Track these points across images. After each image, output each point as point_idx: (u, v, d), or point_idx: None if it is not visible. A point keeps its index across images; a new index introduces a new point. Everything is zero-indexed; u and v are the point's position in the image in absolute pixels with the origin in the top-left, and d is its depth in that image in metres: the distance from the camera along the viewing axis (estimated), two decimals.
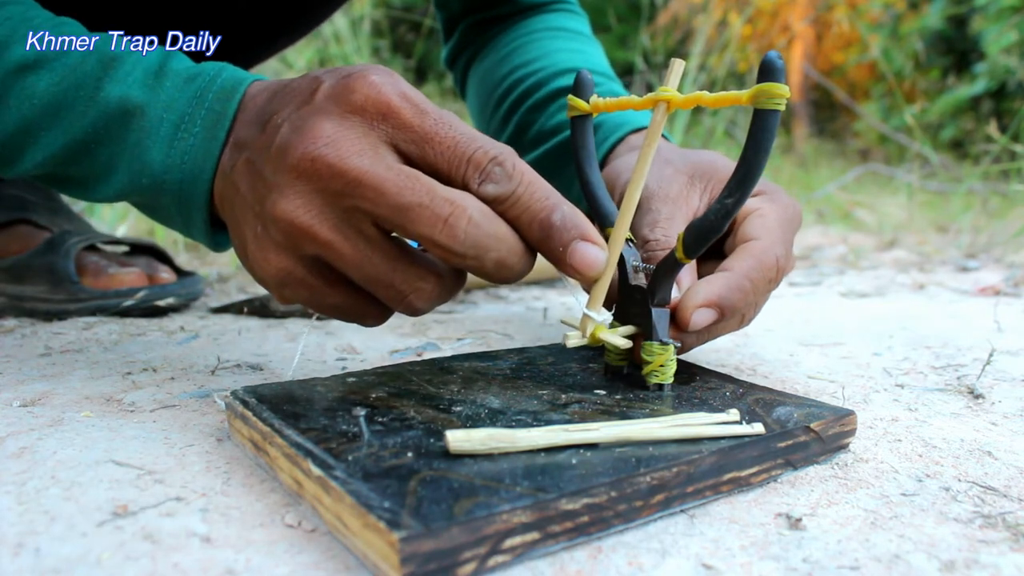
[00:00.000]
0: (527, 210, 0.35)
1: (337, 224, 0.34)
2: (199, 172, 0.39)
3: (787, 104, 0.33)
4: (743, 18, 2.45)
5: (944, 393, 0.48)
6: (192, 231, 0.42)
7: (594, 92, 0.42)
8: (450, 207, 0.33)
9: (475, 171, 0.34)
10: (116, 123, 0.40)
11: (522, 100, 0.65)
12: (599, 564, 0.26)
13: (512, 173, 0.35)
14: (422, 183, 0.33)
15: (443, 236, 0.33)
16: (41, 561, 0.26)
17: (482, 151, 0.35)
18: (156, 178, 0.40)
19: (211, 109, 0.39)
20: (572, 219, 0.35)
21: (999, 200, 1.79)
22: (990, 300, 0.83)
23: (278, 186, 0.34)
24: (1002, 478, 0.34)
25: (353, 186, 0.33)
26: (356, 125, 0.34)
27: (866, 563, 0.27)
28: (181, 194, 0.40)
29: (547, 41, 0.69)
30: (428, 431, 0.32)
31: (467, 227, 0.33)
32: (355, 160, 0.33)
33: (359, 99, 0.34)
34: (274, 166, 0.35)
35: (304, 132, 0.34)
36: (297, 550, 0.27)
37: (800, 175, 2.55)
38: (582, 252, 0.35)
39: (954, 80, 4.14)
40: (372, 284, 0.36)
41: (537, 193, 0.35)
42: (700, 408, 0.36)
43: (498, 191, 0.34)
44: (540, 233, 0.35)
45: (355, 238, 0.35)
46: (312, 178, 0.34)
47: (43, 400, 0.43)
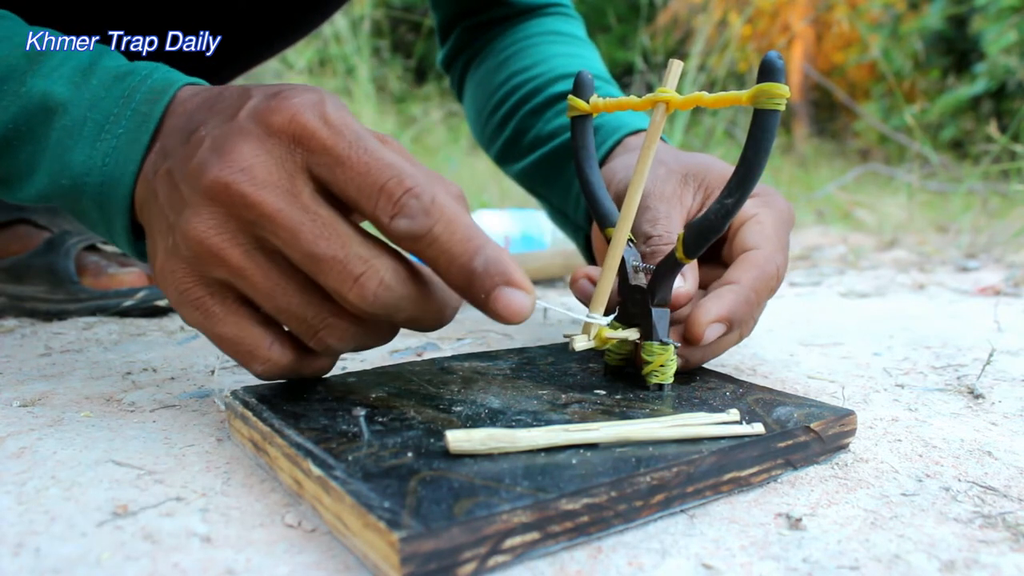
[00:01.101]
0: (445, 252, 0.32)
1: (249, 251, 0.33)
2: (120, 175, 0.37)
3: (787, 104, 0.33)
4: (743, 18, 2.45)
5: (944, 393, 0.48)
6: (115, 237, 0.39)
7: (594, 92, 0.42)
8: (363, 266, 0.31)
9: (387, 202, 0.31)
10: (38, 120, 0.38)
11: (519, 105, 0.65)
12: (599, 564, 0.26)
13: (430, 208, 0.31)
14: (337, 233, 0.31)
15: (352, 295, 0.31)
16: (41, 561, 0.26)
17: (396, 180, 0.31)
18: (76, 180, 0.38)
19: (137, 110, 0.37)
20: (496, 264, 0.32)
21: (999, 200, 1.79)
22: (990, 300, 0.83)
23: (193, 204, 0.33)
24: (1002, 478, 0.34)
25: (265, 220, 0.31)
26: (274, 149, 0.32)
27: (866, 563, 0.27)
28: (101, 197, 0.38)
29: (544, 46, 0.69)
30: (428, 431, 0.32)
31: (377, 289, 0.31)
32: (269, 194, 0.31)
33: (279, 121, 0.32)
34: (191, 183, 0.33)
35: (222, 153, 0.32)
36: (297, 550, 0.27)
37: (800, 175, 2.55)
38: (506, 299, 0.32)
39: (954, 80, 4.14)
40: (282, 315, 0.34)
41: (458, 233, 0.32)
42: (700, 408, 0.36)
43: (412, 228, 0.31)
44: (461, 279, 0.32)
45: (267, 266, 0.33)
46: (225, 203, 0.32)
47: (43, 400, 0.43)
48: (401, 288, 0.32)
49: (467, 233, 0.32)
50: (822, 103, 5.68)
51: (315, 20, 0.69)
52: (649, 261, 0.41)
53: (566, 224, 0.63)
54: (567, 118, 0.61)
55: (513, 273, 0.32)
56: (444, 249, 0.32)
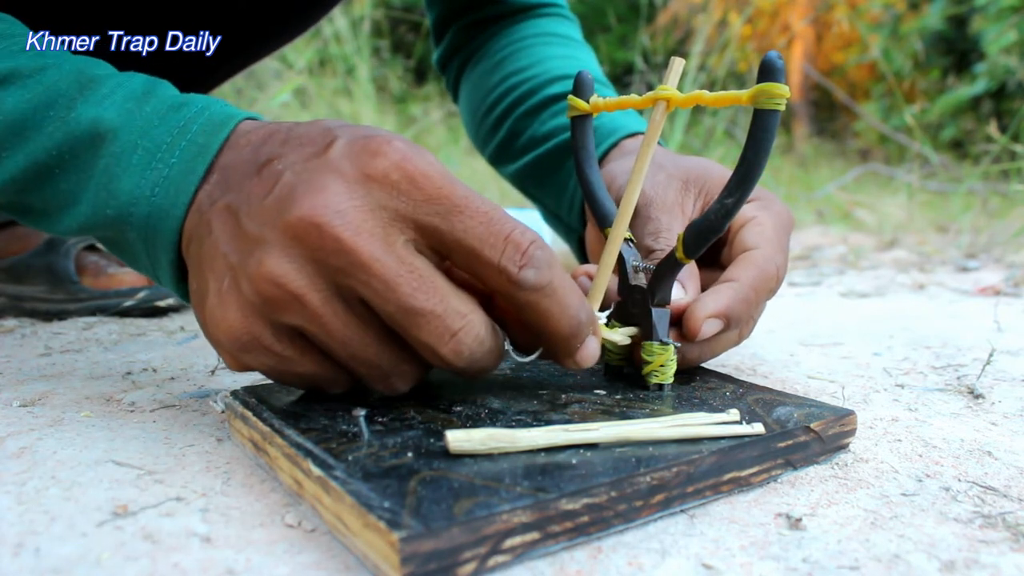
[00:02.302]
0: (560, 304, 0.32)
1: (329, 297, 0.31)
2: (170, 207, 0.35)
3: (787, 104, 0.33)
4: (743, 18, 2.46)
5: (944, 393, 0.48)
6: (159, 273, 0.37)
7: (594, 92, 0.42)
8: (461, 321, 0.31)
9: (516, 252, 0.31)
10: (85, 147, 0.36)
11: (514, 107, 0.65)
12: (599, 564, 0.26)
13: (551, 262, 0.32)
14: (436, 287, 0.31)
15: (447, 350, 0.31)
16: (41, 561, 0.26)
17: (520, 232, 0.31)
18: (122, 210, 0.35)
19: (193, 140, 0.35)
20: (591, 314, 0.34)
21: (999, 200, 1.79)
22: (990, 300, 0.83)
23: (267, 242, 0.30)
24: (1002, 478, 0.34)
25: (357, 269, 0.30)
26: (373, 194, 0.30)
27: (866, 563, 0.27)
28: (148, 230, 0.35)
29: (540, 47, 0.69)
30: (428, 431, 0.32)
31: (473, 344, 0.31)
32: (366, 241, 0.30)
33: (382, 165, 0.31)
34: (266, 219, 0.31)
35: (312, 190, 0.30)
36: (297, 550, 0.27)
37: (800, 175, 2.55)
38: (590, 347, 0.34)
39: (954, 80, 4.14)
40: (354, 361, 0.33)
41: (568, 286, 0.33)
42: (700, 408, 0.36)
43: (539, 279, 0.31)
44: (568, 330, 0.33)
45: (346, 315, 0.31)
46: (311, 245, 0.30)
47: (43, 400, 0.43)
48: (491, 341, 0.32)
49: (573, 285, 0.33)
50: (822, 103, 5.68)
51: (314, 16, 0.69)
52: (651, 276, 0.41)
53: (559, 226, 0.63)
54: (562, 120, 0.61)
55: (597, 324, 0.35)
56: (559, 301, 0.32)
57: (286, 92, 2.02)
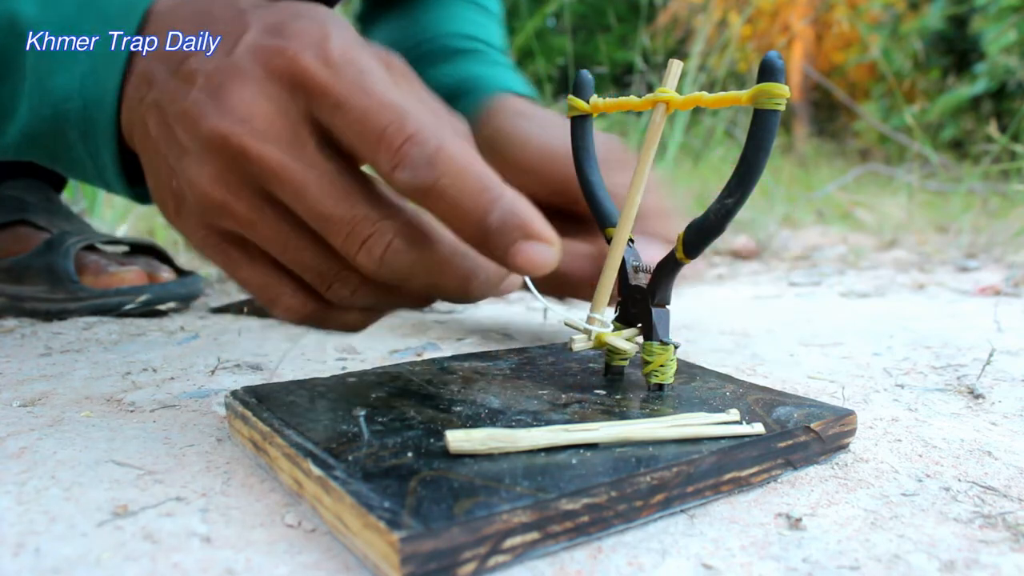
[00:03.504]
0: (455, 208, 0.28)
1: (256, 204, 0.30)
2: (100, 97, 0.34)
3: (787, 104, 0.33)
4: (743, 18, 2.46)
5: (944, 393, 0.48)
6: (106, 176, 0.36)
7: (593, 92, 0.42)
8: (369, 228, 0.29)
9: (387, 152, 0.28)
10: (8, 46, 0.35)
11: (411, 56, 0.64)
12: (599, 564, 0.26)
13: (435, 157, 0.28)
14: (344, 190, 0.29)
15: (361, 259, 0.29)
16: (41, 561, 0.26)
17: (396, 126, 0.28)
18: (57, 107, 0.35)
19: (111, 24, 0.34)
20: (512, 216, 0.28)
21: (999, 200, 1.79)
22: (990, 300, 0.83)
23: (190, 152, 0.30)
24: (1002, 478, 0.34)
25: (270, 176, 0.29)
26: (275, 95, 0.29)
27: (866, 563, 0.27)
28: (85, 125, 0.34)
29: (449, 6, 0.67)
30: (428, 431, 0.32)
31: (384, 254, 0.29)
32: (272, 147, 0.29)
33: (280, 64, 0.29)
34: (185, 128, 0.30)
35: (219, 100, 0.29)
36: (297, 550, 0.27)
37: (800, 175, 2.55)
38: (527, 255, 0.29)
39: (954, 80, 4.14)
40: (296, 267, 0.32)
41: (468, 185, 0.28)
42: (700, 408, 0.36)
43: (415, 181, 0.28)
44: (475, 237, 0.29)
45: (276, 219, 0.30)
46: (225, 156, 0.29)
47: (43, 400, 0.43)
48: (412, 253, 0.30)
49: (479, 184, 0.28)
50: (822, 103, 5.69)
51: None
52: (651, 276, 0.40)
53: None
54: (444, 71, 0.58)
55: (532, 223, 0.29)
56: (453, 204, 0.28)
57: None
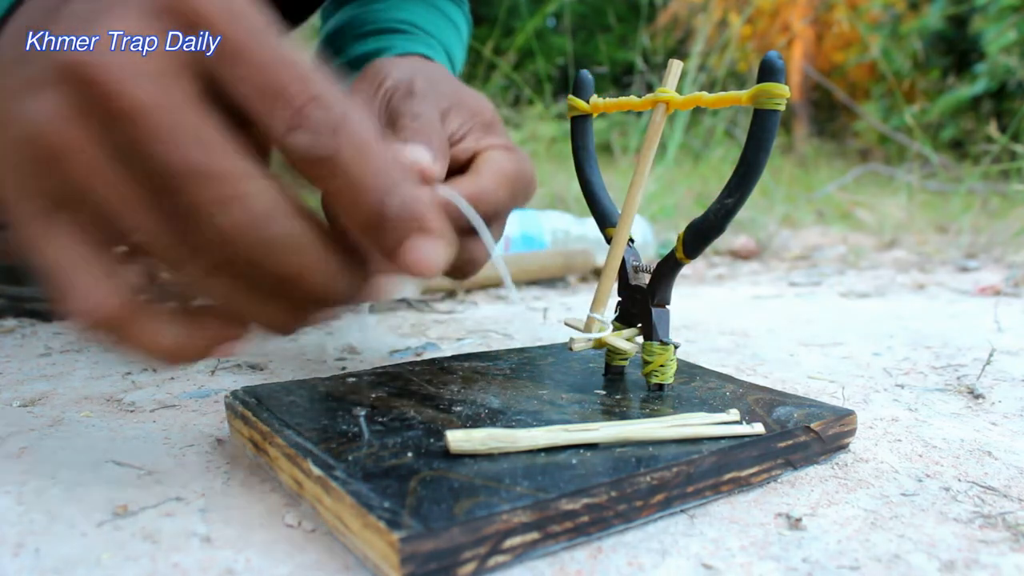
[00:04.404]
0: (352, 185, 0.25)
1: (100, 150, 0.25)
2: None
3: (787, 104, 0.33)
4: (743, 18, 2.46)
5: (944, 393, 0.48)
6: None
7: (593, 92, 0.42)
8: (243, 186, 0.24)
9: (286, 108, 0.24)
10: None
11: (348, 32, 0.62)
12: (599, 564, 0.26)
13: (340, 125, 0.25)
14: (213, 143, 0.24)
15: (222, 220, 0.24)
16: (41, 561, 0.26)
17: (301, 84, 0.25)
18: None
19: None
20: (413, 204, 0.26)
21: (999, 200, 1.79)
22: (990, 300, 0.83)
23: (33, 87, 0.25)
24: (1002, 478, 0.34)
25: (124, 116, 0.24)
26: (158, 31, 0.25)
27: (866, 563, 0.27)
28: None
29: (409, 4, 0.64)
30: (428, 431, 0.32)
31: (255, 220, 0.24)
32: (140, 83, 0.24)
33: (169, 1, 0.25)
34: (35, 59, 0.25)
35: (91, 23, 0.25)
36: (297, 550, 0.27)
37: (800, 175, 2.55)
38: (420, 251, 0.26)
39: (954, 80, 4.14)
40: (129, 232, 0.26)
41: (371, 163, 0.25)
42: (700, 408, 0.36)
43: (313, 146, 0.24)
44: (368, 221, 0.26)
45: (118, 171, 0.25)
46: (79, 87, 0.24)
47: (43, 400, 0.43)
48: (284, 224, 0.25)
49: (381, 163, 0.25)
50: (822, 103, 5.68)
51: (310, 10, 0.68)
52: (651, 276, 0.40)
53: None
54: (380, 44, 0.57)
55: (431, 216, 0.26)
56: (351, 181, 0.25)
57: None
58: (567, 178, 1.67)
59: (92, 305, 0.26)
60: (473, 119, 0.43)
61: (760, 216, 1.50)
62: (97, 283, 0.26)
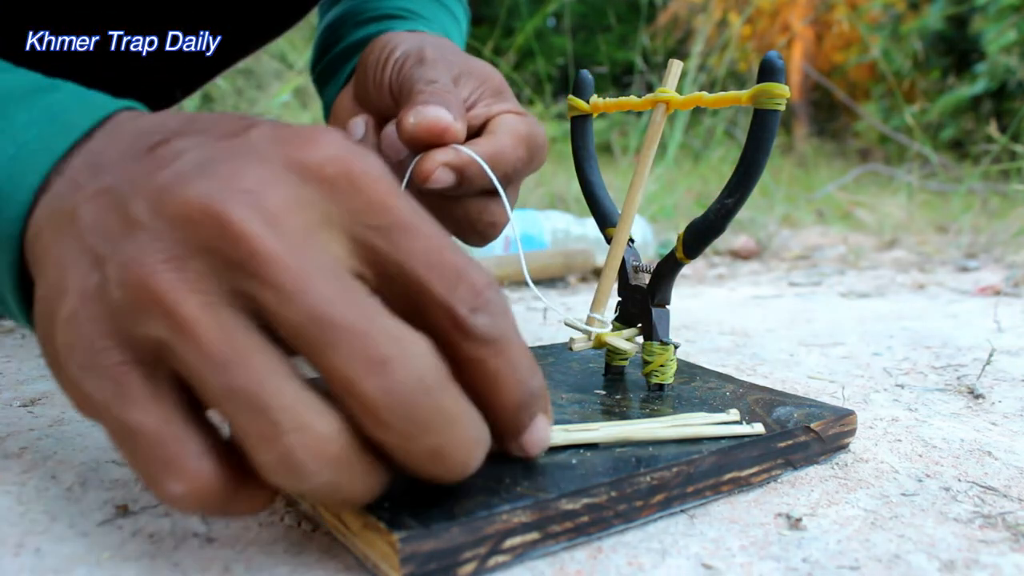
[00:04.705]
0: (512, 365, 0.24)
1: (210, 303, 0.22)
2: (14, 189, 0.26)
3: (787, 104, 0.33)
4: (743, 18, 2.46)
5: (944, 393, 0.48)
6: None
7: (593, 92, 0.42)
8: (396, 347, 0.22)
9: (470, 292, 0.24)
10: None
11: (349, 18, 0.63)
12: (599, 564, 0.26)
13: (507, 311, 0.25)
14: (361, 302, 0.22)
15: (370, 385, 0.21)
16: (41, 561, 0.26)
17: (477, 269, 0.24)
18: None
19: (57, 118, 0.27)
20: (543, 387, 0.26)
21: (999, 200, 1.79)
22: (990, 300, 0.83)
23: (147, 228, 0.22)
24: (1002, 478, 0.34)
25: (260, 265, 0.22)
26: (300, 187, 0.23)
27: (866, 563, 0.27)
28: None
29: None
30: None
31: (407, 383, 0.22)
32: (274, 232, 0.22)
33: (318, 155, 0.24)
34: (151, 201, 0.23)
35: (216, 170, 0.23)
36: (297, 550, 0.27)
37: (800, 175, 2.56)
38: (541, 431, 0.27)
39: (954, 80, 4.14)
40: (234, 401, 0.22)
41: (521, 344, 0.25)
42: (700, 408, 0.36)
43: (492, 328, 0.24)
44: (517, 399, 0.25)
45: (230, 326, 0.22)
46: (201, 232, 0.22)
47: (43, 400, 0.43)
48: (440, 393, 0.22)
49: (525, 345, 0.26)
50: (822, 103, 5.69)
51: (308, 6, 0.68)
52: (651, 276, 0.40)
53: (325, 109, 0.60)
54: (375, 28, 0.57)
55: (547, 399, 0.28)
56: (511, 360, 0.25)
57: (286, 92, 2.02)
58: (567, 178, 1.67)
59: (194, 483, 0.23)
60: (483, 85, 0.44)
61: (760, 216, 1.50)
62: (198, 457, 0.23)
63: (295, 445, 0.21)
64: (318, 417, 0.22)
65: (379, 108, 0.44)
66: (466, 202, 0.41)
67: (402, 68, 0.43)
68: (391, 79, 0.43)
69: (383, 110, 0.44)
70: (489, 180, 0.38)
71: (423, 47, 0.44)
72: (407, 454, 0.23)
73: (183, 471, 0.23)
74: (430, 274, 0.24)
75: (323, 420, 0.22)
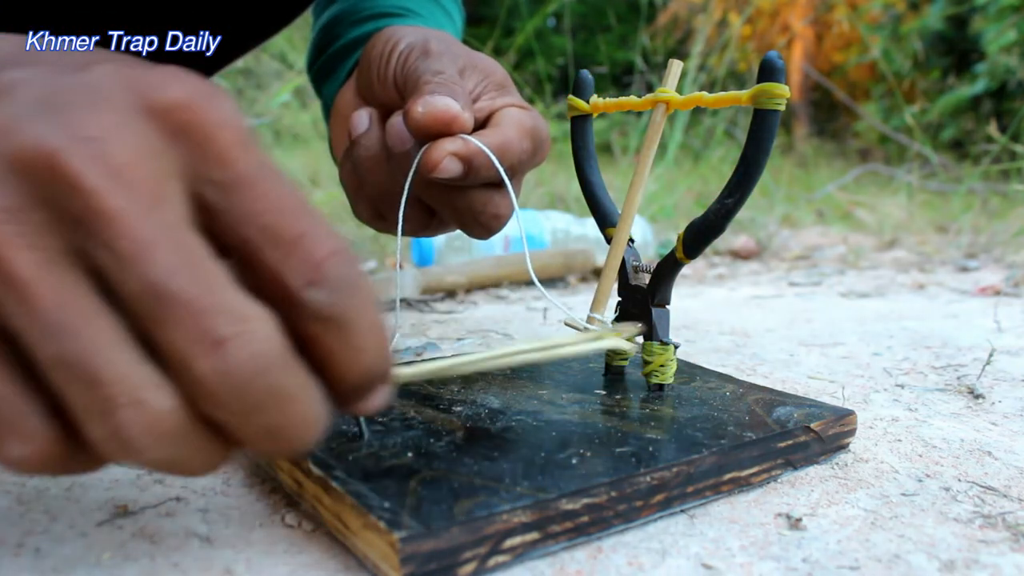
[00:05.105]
0: (348, 347, 0.23)
1: (47, 260, 0.20)
2: None
3: (787, 104, 0.33)
4: (743, 18, 2.46)
5: (944, 393, 0.48)
6: None
7: (593, 92, 0.42)
8: (234, 327, 0.20)
9: (304, 262, 0.21)
10: None
11: (345, 17, 0.63)
12: (599, 564, 0.26)
13: (356, 284, 0.22)
14: (205, 270, 0.21)
15: (205, 366, 0.20)
16: (41, 561, 0.26)
17: (321, 235, 0.22)
18: None
19: None
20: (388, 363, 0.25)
21: (999, 200, 1.79)
22: (990, 300, 0.83)
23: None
24: (1002, 478, 0.34)
25: (99, 220, 0.20)
26: (146, 133, 0.21)
27: (866, 563, 0.27)
28: None
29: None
30: (428, 431, 0.32)
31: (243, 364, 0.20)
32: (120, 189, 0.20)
33: (168, 97, 0.21)
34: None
35: (58, 112, 0.21)
36: (297, 550, 0.27)
37: (800, 175, 2.56)
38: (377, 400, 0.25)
39: (954, 80, 4.14)
40: (65, 370, 0.20)
41: (369, 323, 0.23)
42: (700, 408, 0.36)
43: (331, 307, 0.22)
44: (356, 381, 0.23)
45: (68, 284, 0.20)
46: (38, 181, 0.20)
47: None
48: (280, 374, 0.21)
49: (376, 324, 0.23)
50: (822, 103, 5.68)
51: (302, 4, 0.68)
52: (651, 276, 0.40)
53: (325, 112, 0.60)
54: (372, 27, 0.57)
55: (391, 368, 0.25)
56: (350, 341, 0.23)
57: (286, 92, 2.02)
58: (567, 178, 1.67)
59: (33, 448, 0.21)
60: (487, 79, 0.44)
61: (760, 216, 1.50)
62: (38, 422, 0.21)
63: (127, 421, 0.20)
64: (153, 391, 0.21)
65: (383, 101, 0.44)
66: (471, 194, 0.41)
67: (407, 61, 0.43)
68: (396, 72, 0.43)
69: (387, 103, 0.44)
70: (494, 172, 0.38)
71: (427, 40, 0.44)
72: (242, 432, 0.22)
73: (22, 433, 0.21)
74: (263, 240, 0.22)
75: (158, 395, 0.21)
